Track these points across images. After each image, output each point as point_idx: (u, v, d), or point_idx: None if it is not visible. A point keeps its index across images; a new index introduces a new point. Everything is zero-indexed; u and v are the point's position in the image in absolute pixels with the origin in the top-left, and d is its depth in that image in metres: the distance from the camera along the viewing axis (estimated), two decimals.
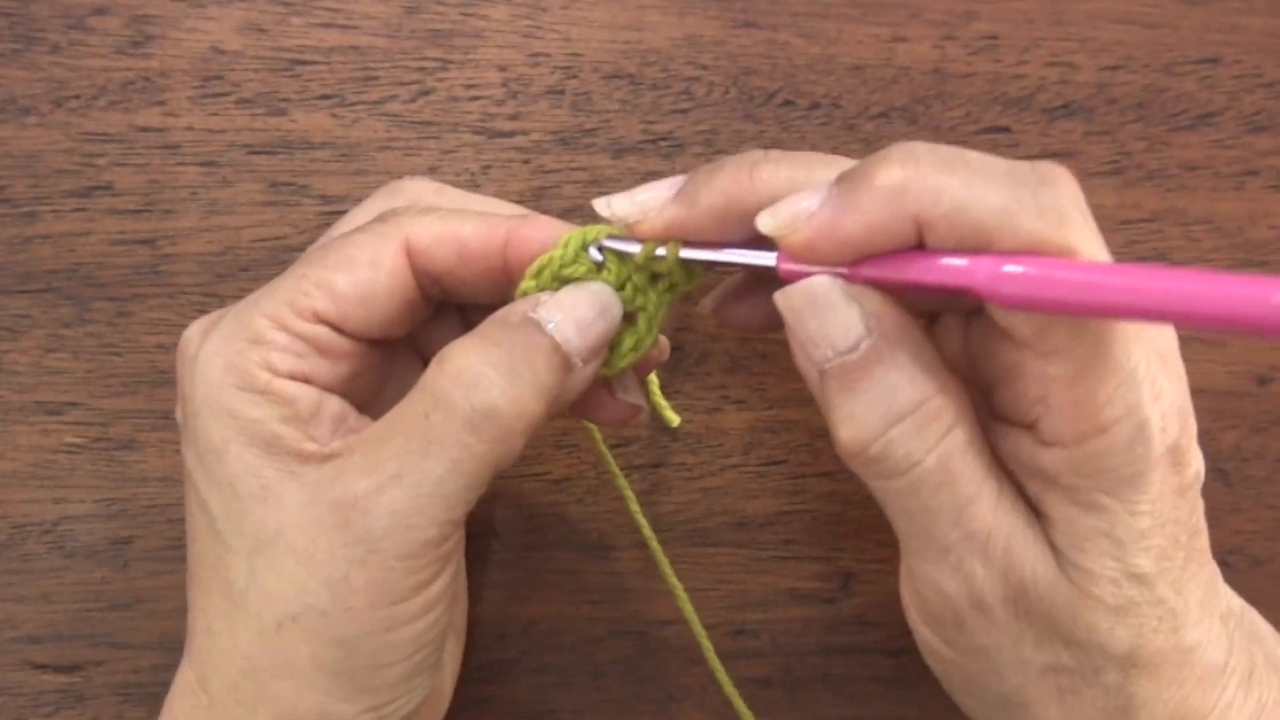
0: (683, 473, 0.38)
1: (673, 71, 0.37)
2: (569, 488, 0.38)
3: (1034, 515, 0.26)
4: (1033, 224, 0.23)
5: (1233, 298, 0.20)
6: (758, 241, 0.27)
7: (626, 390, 0.31)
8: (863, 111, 0.37)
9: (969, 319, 0.29)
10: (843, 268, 0.25)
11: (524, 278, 0.29)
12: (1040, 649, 0.26)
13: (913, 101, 0.37)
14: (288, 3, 0.36)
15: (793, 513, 0.38)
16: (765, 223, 0.26)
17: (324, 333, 0.28)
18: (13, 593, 0.37)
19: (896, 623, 0.38)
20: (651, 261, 0.28)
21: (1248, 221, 0.38)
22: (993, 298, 0.24)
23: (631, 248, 0.29)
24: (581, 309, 0.28)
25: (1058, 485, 0.25)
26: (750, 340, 0.38)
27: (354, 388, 0.29)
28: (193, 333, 0.29)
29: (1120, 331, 0.24)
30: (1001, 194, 0.23)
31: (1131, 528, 0.25)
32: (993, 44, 0.37)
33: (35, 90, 0.36)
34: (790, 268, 0.26)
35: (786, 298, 0.26)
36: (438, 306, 0.31)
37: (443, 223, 0.29)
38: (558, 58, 0.37)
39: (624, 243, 0.29)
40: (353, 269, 0.28)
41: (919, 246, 0.25)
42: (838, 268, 0.25)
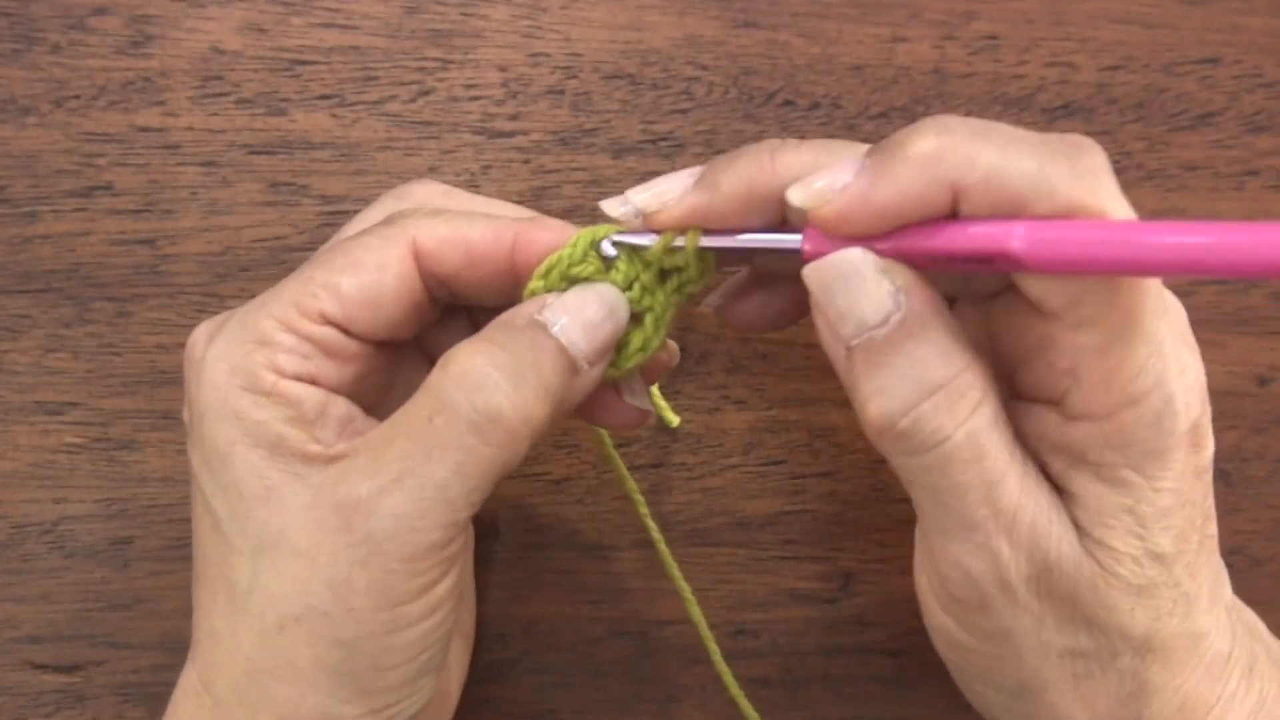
0: (683, 473, 0.38)
1: (673, 71, 0.37)
2: (569, 488, 0.38)
3: (1056, 494, 0.26)
4: (1069, 188, 0.23)
5: (1274, 244, 0.20)
6: (777, 228, 0.27)
7: (634, 394, 0.31)
8: (863, 111, 0.37)
9: (988, 302, 0.29)
10: (871, 245, 0.25)
11: (532, 278, 0.29)
12: (1060, 631, 0.26)
13: (913, 101, 0.37)
14: (288, 3, 0.36)
15: (793, 513, 0.38)
16: (797, 195, 0.25)
17: (331, 334, 0.28)
18: (13, 593, 0.37)
19: (896, 623, 0.38)
20: (665, 256, 0.28)
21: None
22: (1030, 262, 0.23)
23: (645, 240, 0.29)
24: (588, 310, 0.28)
25: (1084, 461, 0.26)
26: (751, 340, 0.38)
27: (361, 389, 0.29)
28: (199, 335, 0.29)
29: (1150, 305, 0.24)
30: (1036, 159, 0.23)
31: (1155, 504, 0.25)
32: (993, 44, 0.37)
33: (35, 90, 0.36)
34: (816, 248, 0.26)
35: (817, 272, 0.26)
36: (445, 309, 0.31)
37: (450, 225, 0.29)
38: (558, 58, 0.37)
39: (637, 237, 0.29)
40: (359, 271, 0.28)
41: (950, 218, 0.25)
42: (867, 245, 0.25)
